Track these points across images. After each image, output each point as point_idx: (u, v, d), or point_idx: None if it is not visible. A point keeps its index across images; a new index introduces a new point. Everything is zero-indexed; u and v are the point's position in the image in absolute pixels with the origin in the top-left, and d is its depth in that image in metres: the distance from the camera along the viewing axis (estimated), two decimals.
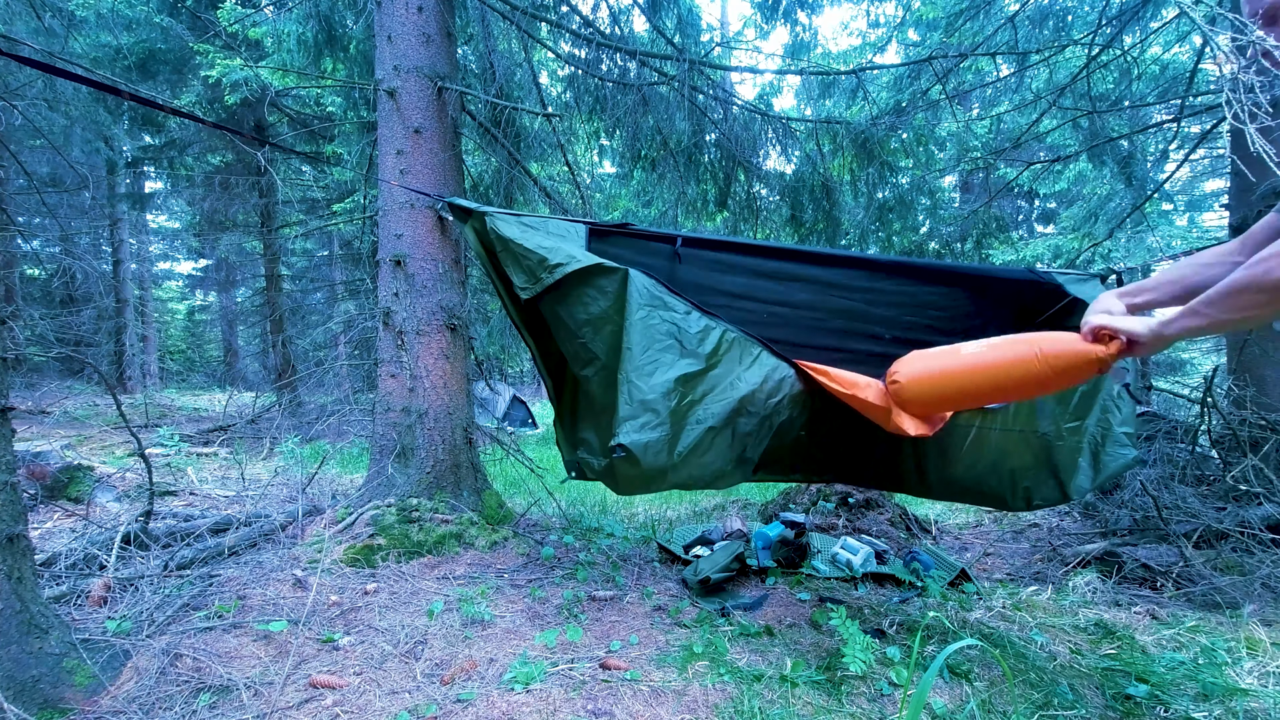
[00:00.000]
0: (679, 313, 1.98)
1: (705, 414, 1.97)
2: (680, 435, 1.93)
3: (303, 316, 13.15)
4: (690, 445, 1.94)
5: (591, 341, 2.02)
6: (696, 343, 1.97)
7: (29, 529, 1.90)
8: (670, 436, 1.90)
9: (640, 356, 1.90)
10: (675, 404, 1.91)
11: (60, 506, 3.81)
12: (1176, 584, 2.93)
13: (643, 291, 1.95)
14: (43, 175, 9.37)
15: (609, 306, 1.96)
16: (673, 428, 1.91)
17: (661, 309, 1.97)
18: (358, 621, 2.37)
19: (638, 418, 1.87)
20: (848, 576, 3.01)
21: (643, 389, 1.89)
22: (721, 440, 2.01)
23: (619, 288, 1.95)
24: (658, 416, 1.89)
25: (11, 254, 10.52)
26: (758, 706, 1.84)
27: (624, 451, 1.85)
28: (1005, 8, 5.46)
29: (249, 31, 6.49)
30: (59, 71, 1.79)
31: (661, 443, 1.89)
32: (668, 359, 1.93)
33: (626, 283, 1.94)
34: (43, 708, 1.72)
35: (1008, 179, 6.70)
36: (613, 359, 1.97)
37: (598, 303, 1.97)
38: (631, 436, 1.85)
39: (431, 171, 3.44)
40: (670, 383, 1.91)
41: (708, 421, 1.96)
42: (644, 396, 1.88)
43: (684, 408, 1.93)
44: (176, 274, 20.79)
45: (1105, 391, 2.17)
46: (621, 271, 1.95)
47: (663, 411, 1.89)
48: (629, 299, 1.93)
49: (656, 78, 4.52)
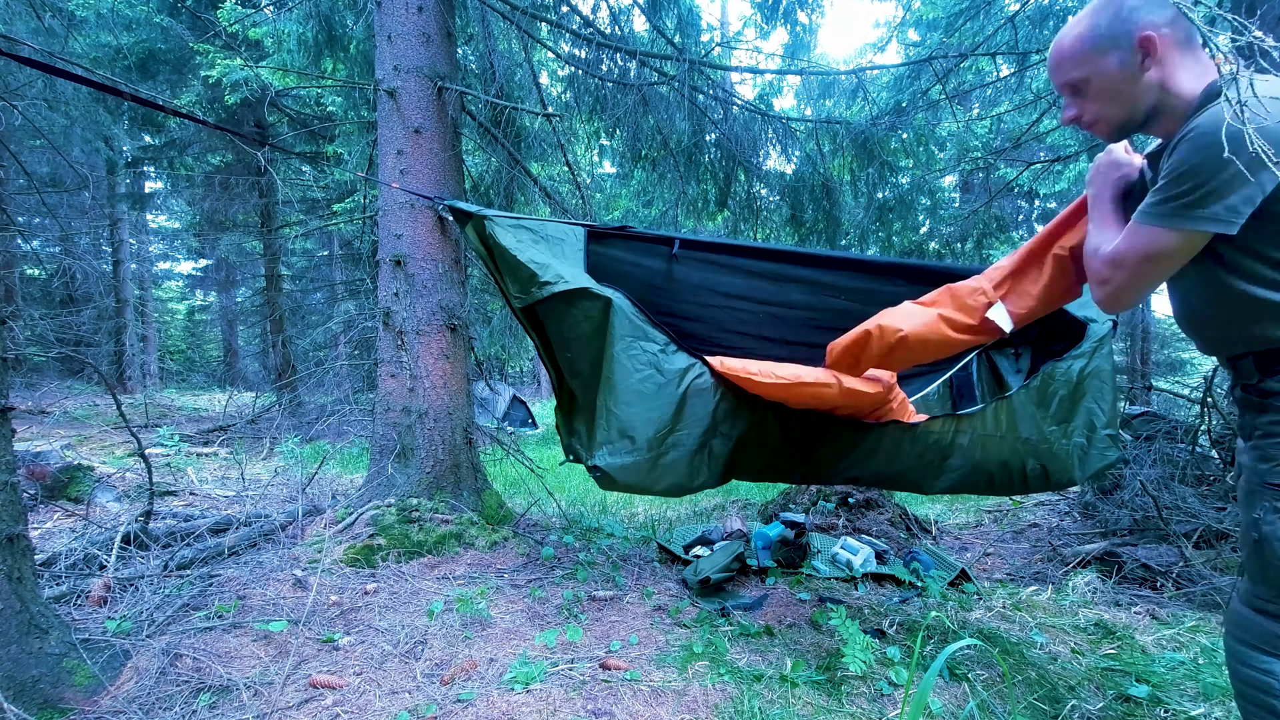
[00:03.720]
0: (658, 345, 2.00)
1: (681, 439, 2.00)
2: (657, 460, 1.97)
3: (303, 316, 13.14)
4: (665, 467, 1.99)
5: (576, 359, 2.06)
6: (675, 377, 2.00)
7: (29, 529, 1.90)
8: (647, 461, 1.95)
9: (620, 387, 1.94)
10: (652, 434, 1.95)
11: (60, 506, 3.82)
12: (1176, 584, 2.93)
13: (625, 323, 1.96)
14: (43, 175, 9.36)
15: (592, 330, 1.99)
16: (649, 453, 1.95)
17: (643, 340, 1.98)
18: (358, 621, 2.37)
19: (614, 443, 1.92)
20: (848, 576, 3.01)
21: (621, 419, 1.93)
22: (698, 459, 2.04)
23: (602, 315, 1.96)
24: (634, 444, 1.93)
25: (11, 254, 10.53)
26: (758, 706, 1.84)
27: (600, 473, 1.92)
28: (1005, 8, 5.46)
29: (249, 32, 6.49)
30: (59, 71, 1.78)
31: (637, 466, 1.94)
32: (647, 391, 1.95)
33: (610, 311, 1.95)
34: (43, 708, 1.72)
35: (1008, 179, 6.70)
36: (594, 378, 2.00)
37: (582, 325, 2.00)
38: (607, 460, 1.91)
39: (431, 171, 3.45)
40: (648, 415, 1.95)
41: (686, 446, 2.00)
42: (621, 426, 1.92)
43: (660, 437, 1.97)
44: (176, 274, 20.82)
45: (1091, 395, 2.17)
46: (605, 300, 1.96)
47: (639, 440, 1.93)
48: (612, 328, 1.95)
49: (656, 78, 4.52)
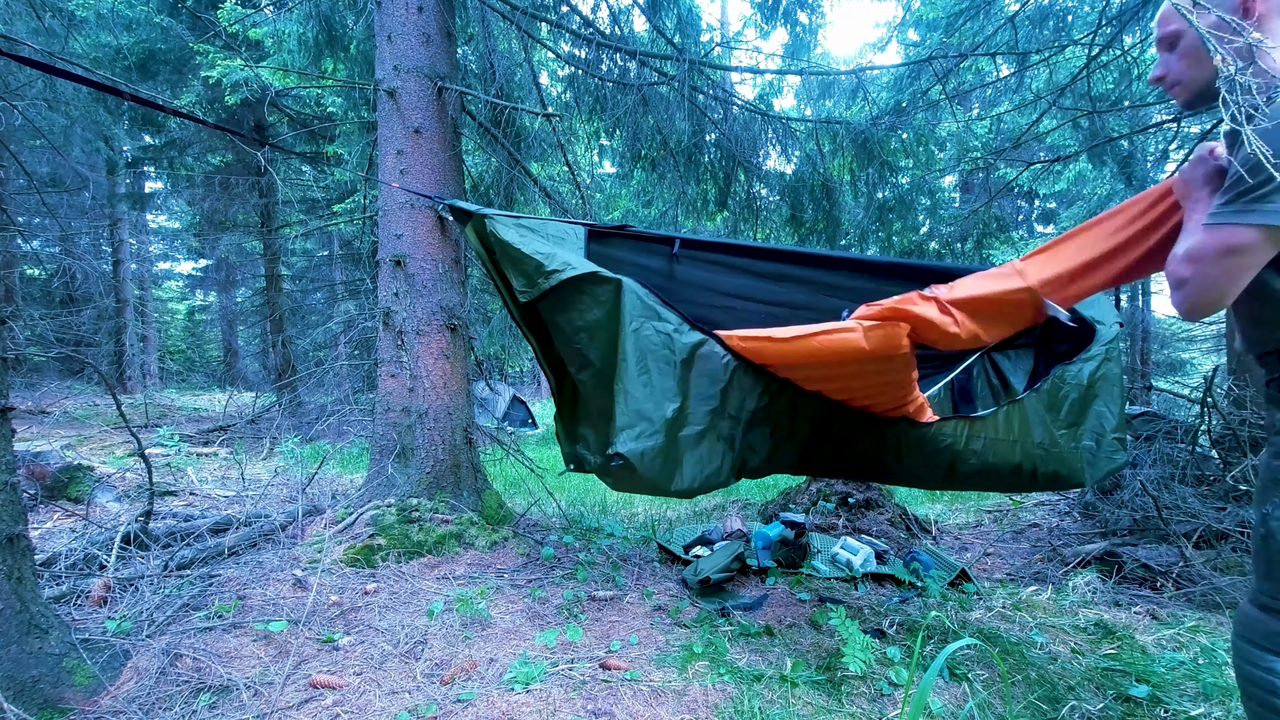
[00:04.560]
0: (671, 324, 2.01)
1: (697, 417, 2.01)
2: (675, 443, 1.97)
3: (303, 316, 13.15)
4: (684, 452, 1.99)
5: (586, 347, 2.05)
6: (688, 353, 2.01)
7: (29, 529, 1.90)
8: (665, 445, 1.95)
9: (635, 367, 1.94)
10: (669, 414, 1.95)
11: (60, 506, 3.82)
12: (1176, 584, 2.93)
13: (636, 303, 1.97)
14: (43, 175, 9.37)
15: (603, 315, 1.98)
16: (667, 435, 1.95)
17: (655, 320, 1.99)
18: (358, 621, 2.37)
19: (634, 426, 1.92)
20: (848, 576, 3.01)
21: (638, 399, 1.93)
22: (713, 442, 2.05)
23: (613, 297, 1.96)
24: (652, 425, 1.93)
25: (11, 254, 10.53)
26: (758, 706, 1.84)
27: (622, 460, 1.90)
28: (1005, 8, 5.45)
29: (249, 32, 6.49)
30: (59, 71, 1.78)
31: (656, 450, 1.93)
32: (662, 370, 1.96)
33: (621, 293, 1.95)
34: (43, 708, 1.72)
35: (1008, 179, 6.69)
36: (608, 365, 2.00)
37: (593, 311, 1.99)
38: (629, 445, 1.90)
39: (431, 171, 3.45)
40: (664, 393, 1.95)
41: (699, 425, 2.01)
42: (639, 406, 1.92)
43: (676, 417, 1.97)
44: (176, 274, 20.81)
45: (1101, 398, 2.18)
46: (615, 281, 1.96)
47: (657, 421, 1.93)
48: (623, 309, 1.95)
49: (656, 78, 4.51)
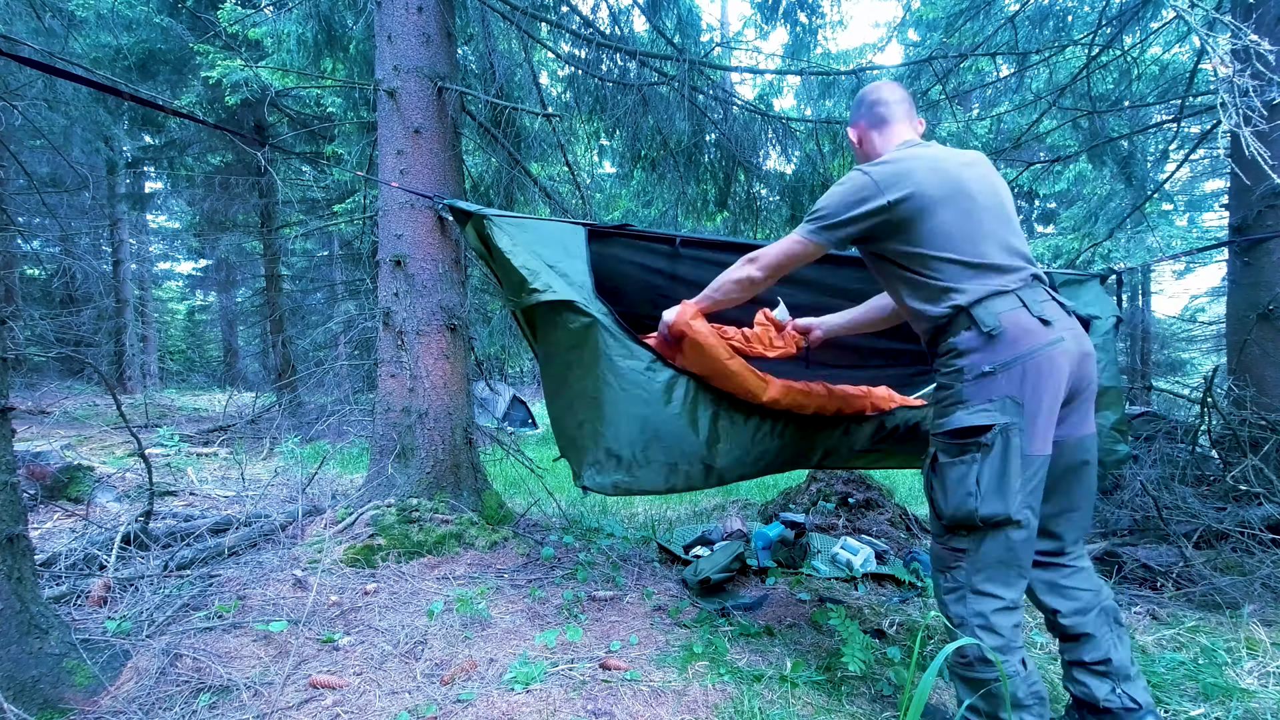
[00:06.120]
0: (643, 363, 1.99)
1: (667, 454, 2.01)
2: (643, 474, 1.99)
3: (303, 316, 13.14)
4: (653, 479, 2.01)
5: (561, 369, 2.07)
6: (661, 393, 1.99)
7: (29, 529, 1.90)
8: (634, 479, 1.97)
9: (606, 406, 1.94)
10: (637, 452, 1.96)
11: (60, 506, 3.81)
12: (1176, 584, 2.93)
13: (609, 341, 1.95)
14: (43, 175, 9.37)
15: (576, 344, 1.99)
16: (638, 470, 1.97)
17: (628, 358, 1.97)
18: (358, 621, 2.37)
19: (603, 464, 1.94)
20: (848, 576, 3.01)
21: (607, 438, 1.93)
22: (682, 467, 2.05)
23: (585, 331, 1.96)
24: (620, 463, 1.95)
25: (11, 254, 10.53)
26: (758, 707, 1.84)
27: (587, 491, 1.97)
28: (1005, 8, 5.46)
29: (249, 32, 6.49)
30: (59, 72, 1.79)
31: (625, 483, 1.96)
32: (633, 411, 1.95)
33: (593, 330, 1.94)
34: (43, 708, 1.72)
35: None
36: (579, 391, 2.01)
37: (566, 338, 2.00)
38: (596, 480, 1.94)
39: (431, 172, 3.44)
40: (634, 434, 1.95)
41: (670, 459, 2.02)
42: (609, 445, 1.93)
43: (645, 453, 1.98)
44: (176, 274, 20.82)
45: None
46: (589, 318, 1.95)
47: (625, 458, 1.95)
48: (596, 346, 1.94)
49: (656, 78, 4.51)
